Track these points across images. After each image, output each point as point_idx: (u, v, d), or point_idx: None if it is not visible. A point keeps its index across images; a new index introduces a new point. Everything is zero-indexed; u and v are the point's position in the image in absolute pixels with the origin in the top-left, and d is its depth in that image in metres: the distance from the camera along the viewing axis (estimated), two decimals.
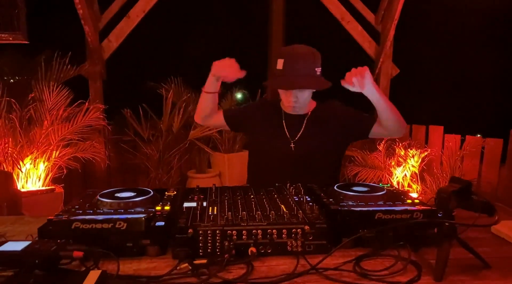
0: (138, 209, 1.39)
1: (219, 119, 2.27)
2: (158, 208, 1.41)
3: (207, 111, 2.19)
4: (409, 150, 3.80)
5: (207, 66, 2.03)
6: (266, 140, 2.18)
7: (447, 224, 1.18)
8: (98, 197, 1.48)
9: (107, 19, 4.28)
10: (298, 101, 2.05)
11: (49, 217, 1.28)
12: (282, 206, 1.44)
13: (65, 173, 3.76)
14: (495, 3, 4.50)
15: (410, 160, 3.77)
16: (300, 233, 1.27)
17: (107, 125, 4.29)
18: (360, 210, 1.37)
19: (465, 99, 5.14)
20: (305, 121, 2.15)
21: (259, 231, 1.26)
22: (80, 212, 1.35)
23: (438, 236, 1.20)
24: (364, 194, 1.54)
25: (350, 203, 1.45)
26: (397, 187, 2.96)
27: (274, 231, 1.26)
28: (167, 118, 4.69)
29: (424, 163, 3.84)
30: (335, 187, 1.62)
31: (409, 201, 1.50)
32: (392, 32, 4.20)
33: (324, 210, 1.42)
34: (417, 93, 5.16)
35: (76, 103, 3.86)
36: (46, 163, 3.65)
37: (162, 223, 1.29)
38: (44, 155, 3.63)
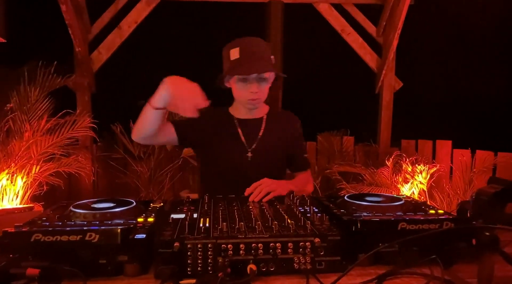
0: (116, 221, 1.18)
1: (167, 134, 1.92)
2: (140, 219, 1.21)
3: (152, 130, 1.78)
4: (416, 165, 3.61)
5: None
6: (221, 151, 1.99)
7: (487, 233, 0.97)
8: (71, 207, 1.27)
9: (97, 29, 4.13)
10: (259, 93, 1.89)
11: (5, 229, 1.06)
12: (286, 216, 1.23)
13: (45, 189, 3.50)
14: (503, 13, 4.39)
15: (417, 176, 3.58)
16: (309, 247, 1.08)
17: (96, 139, 4.05)
18: (380, 220, 1.16)
19: (472, 112, 4.97)
20: (263, 124, 2.03)
21: (259, 244, 1.06)
22: (47, 223, 1.14)
23: (477, 249, 1.00)
24: (380, 204, 1.34)
25: (365, 214, 1.24)
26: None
27: (277, 244, 1.07)
28: None
29: (432, 180, 3.64)
30: (345, 197, 1.43)
31: (432, 211, 1.30)
32: (395, 44, 4.06)
33: (335, 222, 1.21)
34: (422, 107, 5.00)
35: (60, 113, 3.59)
36: (25, 179, 3.40)
37: (143, 236, 1.09)
38: (23, 170, 3.38)
